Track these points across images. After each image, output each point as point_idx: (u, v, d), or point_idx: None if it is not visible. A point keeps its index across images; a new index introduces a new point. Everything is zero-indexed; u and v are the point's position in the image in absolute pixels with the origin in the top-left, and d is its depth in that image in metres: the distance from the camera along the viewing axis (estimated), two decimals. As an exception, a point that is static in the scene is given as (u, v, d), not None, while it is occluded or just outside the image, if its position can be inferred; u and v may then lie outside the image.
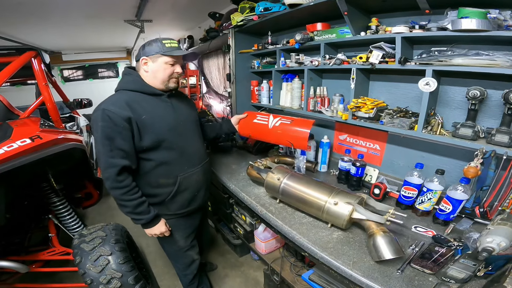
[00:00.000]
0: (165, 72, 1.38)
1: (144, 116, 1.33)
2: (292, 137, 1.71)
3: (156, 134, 1.36)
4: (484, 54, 1.13)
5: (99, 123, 1.26)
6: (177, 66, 1.41)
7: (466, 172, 1.16)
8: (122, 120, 1.26)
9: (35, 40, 4.61)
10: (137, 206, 1.34)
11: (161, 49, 1.34)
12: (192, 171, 1.52)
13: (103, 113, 1.25)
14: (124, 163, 1.28)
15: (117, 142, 1.26)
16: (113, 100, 1.32)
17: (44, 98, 2.13)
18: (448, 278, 0.93)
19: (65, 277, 2.22)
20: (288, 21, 2.11)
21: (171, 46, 1.37)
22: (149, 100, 1.39)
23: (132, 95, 1.36)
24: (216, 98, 4.03)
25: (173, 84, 1.43)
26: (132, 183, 1.33)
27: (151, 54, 1.35)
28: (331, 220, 1.28)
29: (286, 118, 1.79)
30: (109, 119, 1.24)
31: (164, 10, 3.44)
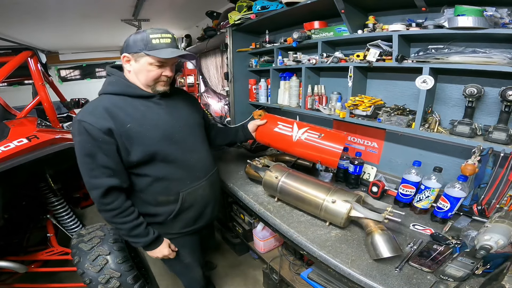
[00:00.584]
0: (149, 75, 1.14)
1: (129, 124, 1.11)
2: (320, 153, 1.48)
3: (147, 145, 1.14)
4: (481, 52, 1.13)
5: (76, 137, 1.08)
6: (166, 68, 1.16)
7: (463, 169, 1.17)
8: (101, 133, 1.05)
9: (32, 40, 4.59)
10: (132, 229, 1.18)
11: (145, 46, 1.08)
12: (196, 185, 1.31)
13: (79, 126, 1.06)
14: (111, 183, 1.09)
15: (99, 159, 1.07)
16: (90, 109, 1.11)
17: (41, 98, 2.13)
18: (446, 276, 0.94)
19: (64, 277, 2.21)
20: (286, 20, 2.10)
21: (160, 43, 1.09)
22: (136, 104, 1.17)
23: (115, 100, 1.14)
24: (214, 97, 4.03)
25: (161, 87, 1.19)
26: (125, 203, 1.15)
27: (134, 51, 1.10)
28: (329, 218, 1.28)
29: (314, 129, 1.54)
30: (86, 133, 1.05)
31: (161, 9, 3.43)
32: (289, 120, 1.66)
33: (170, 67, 1.17)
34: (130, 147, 1.12)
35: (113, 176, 1.11)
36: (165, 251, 1.30)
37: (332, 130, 1.55)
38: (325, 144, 1.46)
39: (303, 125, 1.58)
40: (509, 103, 1.12)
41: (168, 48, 1.11)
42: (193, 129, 1.35)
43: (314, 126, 1.57)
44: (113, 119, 1.08)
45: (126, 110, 1.13)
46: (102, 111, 1.08)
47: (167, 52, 1.09)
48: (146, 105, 1.19)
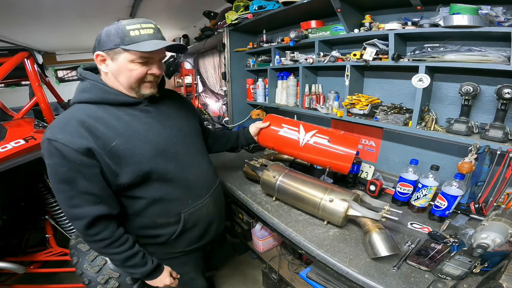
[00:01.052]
0: (132, 76, 0.94)
1: (115, 142, 0.92)
2: (331, 158, 1.36)
3: (138, 164, 0.96)
4: (477, 50, 1.14)
5: (47, 160, 0.88)
6: (152, 65, 0.96)
7: (460, 167, 1.17)
8: (79, 154, 0.86)
9: (28, 40, 4.56)
10: (126, 260, 1.01)
11: (122, 39, 0.88)
12: (199, 204, 1.16)
13: (49, 146, 0.86)
14: (97, 212, 0.91)
15: (80, 184, 0.88)
16: (61, 123, 0.90)
17: (38, 99, 2.12)
18: (444, 275, 0.93)
19: (63, 278, 2.21)
20: (283, 19, 2.10)
21: (140, 34, 0.88)
22: (120, 114, 0.96)
23: (92, 110, 0.93)
24: (212, 97, 4.03)
25: (148, 90, 0.99)
26: (116, 232, 0.97)
27: (109, 47, 0.90)
28: (327, 217, 1.28)
29: (323, 132, 1.41)
30: (59, 155, 0.85)
31: (158, 10, 3.42)
32: (294, 121, 1.53)
33: (157, 64, 0.98)
34: (117, 168, 0.93)
35: (99, 204, 0.92)
36: (167, 281, 1.13)
37: (343, 133, 1.44)
38: (335, 149, 1.35)
39: (311, 128, 1.45)
40: (505, 101, 1.12)
41: (152, 40, 0.91)
42: (191, 139, 1.18)
43: (323, 128, 1.46)
44: (92, 136, 0.88)
45: (107, 122, 0.93)
46: (76, 126, 0.88)
47: (151, 44, 0.89)
48: (132, 114, 0.99)
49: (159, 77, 1.03)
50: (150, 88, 1.00)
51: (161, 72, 1.02)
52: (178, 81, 4.30)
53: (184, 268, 1.30)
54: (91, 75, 0.99)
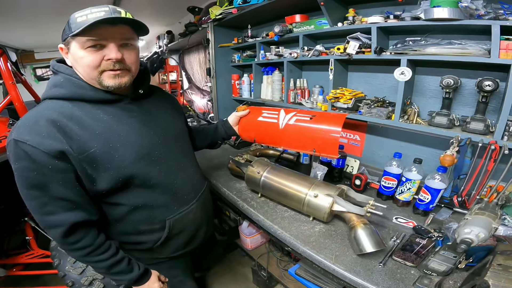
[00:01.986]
0: (85, 64, 0.83)
1: (92, 144, 0.83)
2: (315, 140, 1.23)
3: (117, 169, 0.87)
4: (457, 43, 1.14)
5: (14, 164, 0.79)
6: (109, 49, 0.83)
7: (442, 160, 1.17)
8: (50, 158, 0.77)
9: (4, 38, 4.39)
10: (111, 267, 0.93)
11: (70, 28, 0.79)
12: (185, 210, 1.09)
13: (16, 148, 0.76)
14: (74, 218, 0.83)
15: (53, 189, 0.79)
16: (29, 122, 0.79)
17: (12, 98, 2.04)
18: (430, 271, 0.93)
19: (48, 280, 2.14)
20: (267, 14, 2.07)
21: (87, 18, 0.78)
22: (97, 113, 0.88)
23: (65, 108, 0.84)
24: (198, 93, 3.97)
25: (110, 80, 0.86)
26: (97, 240, 0.89)
27: (64, 38, 0.83)
28: (312, 213, 1.27)
29: (304, 112, 1.32)
30: (28, 158, 0.76)
31: (142, 5, 3.33)
32: (276, 108, 1.43)
33: (115, 48, 0.83)
34: (94, 173, 0.85)
35: (76, 209, 0.84)
36: (155, 286, 1.05)
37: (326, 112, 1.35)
38: (318, 128, 1.22)
39: (291, 111, 1.36)
40: (486, 93, 1.13)
41: None
42: (176, 140, 1.10)
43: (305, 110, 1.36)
44: (65, 138, 0.79)
45: (82, 122, 0.84)
46: (47, 126, 0.78)
47: (89, 22, 0.76)
48: (112, 113, 0.90)
49: (125, 64, 0.88)
50: (114, 78, 0.87)
51: (121, 57, 0.85)
52: (163, 78, 4.21)
53: (171, 271, 1.24)
54: (65, 68, 0.88)
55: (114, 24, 0.82)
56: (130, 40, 0.89)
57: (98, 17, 0.78)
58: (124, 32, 0.86)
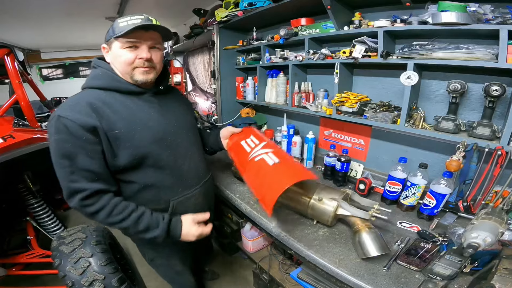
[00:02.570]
0: (122, 61, 1.02)
1: (118, 125, 1.00)
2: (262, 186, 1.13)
3: (135, 148, 1.03)
4: (464, 48, 1.13)
5: (54, 135, 0.94)
6: (140, 49, 1.02)
7: (448, 165, 1.16)
8: (84, 131, 0.94)
9: (11, 38, 4.44)
10: (137, 223, 1.03)
11: (113, 31, 0.99)
12: (188, 194, 1.22)
13: (58, 122, 0.93)
14: (96, 187, 0.98)
15: (81, 161, 0.94)
16: (72, 103, 0.98)
17: (18, 97, 2.06)
18: (435, 275, 0.92)
19: (48, 280, 2.14)
20: (273, 17, 2.08)
21: (127, 24, 0.97)
22: (125, 101, 1.06)
23: (100, 95, 1.02)
24: (202, 95, 3.98)
25: (140, 76, 1.05)
26: (112, 200, 1.01)
27: (106, 39, 1.04)
28: (316, 216, 1.26)
29: (278, 154, 1.18)
30: (66, 130, 0.92)
31: (147, 7, 3.37)
32: (265, 137, 1.34)
33: (147, 48, 1.03)
34: (116, 149, 1.00)
35: (97, 181, 0.98)
36: (193, 230, 1.12)
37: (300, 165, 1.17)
38: (268, 177, 1.11)
39: (272, 146, 1.25)
40: (493, 98, 1.13)
41: None
42: (187, 131, 1.25)
43: (286, 154, 1.23)
44: (98, 116, 0.96)
45: (113, 107, 1.02)
46: (85, 106, 0.96)
47: (129, 27, 0.96)
48: (137, 103, 1.08)
49: (152, 63, 1.06)
50: (143, 74, 1.05)
51: (150, 57, 1.04)
52: (167, 79, 4.23)
53: (170, 260, 1.36)
54: (104, 64, 1.09)
55: (146, 30, 1.01)
56: (157, 44, 1.07)
57: (136, 23, 0.97)
58: (154, 37, 1.05)
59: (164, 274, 1.50)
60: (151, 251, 1.32)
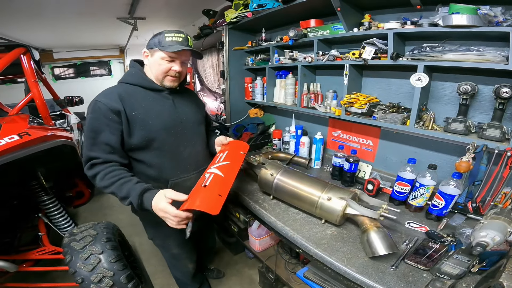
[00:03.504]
0: (160, 68, 1.26)
1: (135, 111, 1.23)
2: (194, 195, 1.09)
3: (147, 131, 1.25)
4: (475, 50, 1.14)
5: (90, 114, 1.20)
6: (176, 63, 1.27)
7: (458, 166, 1.17)
8: (111, 112, 1.18)
9: (26, 38, 4.54)
10: (120, 189, 1.13)
11: (159, 42, 1.22)
12: (185, 177, 1.39)
13: (95, 105, 1.19)
14: (109, 158, 1.18)
15: (104, 135, 1.18)
16: (106, 92, 1.25)
17: (33, 95, 2.10)
18: (443, 274, 0.93)
19: (56, 277, 2.18)
20: (282, 18, 2.10)
21: (172, 40, 1.22)
22: (147, 95, 1.29)
23: (128, 89, 1.28)
24: (210, 95, 4.01)
25: (168, 82, 1.30)
26: (112, 167, 1.17)
27: (151, 47, 1.26)
28: (325, 215, 1.28)
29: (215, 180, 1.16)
30: (99, 110, 1.17)
31: (157, 7, 3.41)
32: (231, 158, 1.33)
33: (180, 63, 1.27)
34: (133, 129, 1.22)
35: (112, 153, 1.19)
36: (161, 204, 1.06)
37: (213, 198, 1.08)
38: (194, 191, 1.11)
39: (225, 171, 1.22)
40: (503, 100, 1.13)
41: (178, 45, 1.21)
42: (194, 125, 1.44)
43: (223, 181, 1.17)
44: (123, 103, 1.21)
45: (136, 98, 1.25)
46: (115, 95, 1.21)
47: (174, 48, 1.20)
48: (155, 97, 1.31)
49: (181, 74, 1.31)
50: (171, 81, 1.30)
51: (181, 70, 1.29)
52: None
53: (166, 241, 1.52)
54: (137, 65, 1.35)
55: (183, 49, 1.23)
56: (187, 61, 1.33)
57: (179, 41, 1.22)
58: (187, 54, 1.30)
59: (163, 255, 1.67)
60: (152, 229, 1.52)
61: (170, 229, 1.25)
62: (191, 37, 1.30)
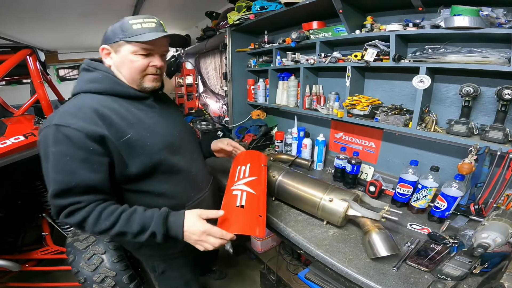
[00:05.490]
0: (133, 67, 0.96)
1: (128, 132, 0.92)
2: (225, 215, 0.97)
3: (148, 155, 0.96)
4: (477, 51, 1.14)
5: (51, 148, 0.82)
6: (154, 57, 0.98)
7: (460, 168, 1.17)
8: (90, 141, 0.84)
9: (31, 39, 4.59)
10: (128, 224, 0.87)
11: (124, 33, 0.92)
12: (201, 197, 1.16)
13: (57, 132, 0.82)
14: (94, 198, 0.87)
15: (81, 176, 0.83)
16: (73, 110, 0.87)
17: (39, 96, 2.13)
18: (444, 276, 0.93)
19: (59, 276, 2.20)
20: (284, 20, 2.11)
21: (142, 27, 0.92)
22: (129, 107, 0.98)
23: (103, 101, 0.93)
24: (213, 97, 4.03)
25: (149, 83, 1.01)
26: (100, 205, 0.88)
27: (113, 41, 0.94)
28: (327, 217, 1.28)
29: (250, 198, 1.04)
30: (68, 141, 0.82)
31: (161, 9, 3.44)
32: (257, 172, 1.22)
33: (159, 56, 1.00)
34: (128, 159, 0.92)
35: (97, 193, 0.88)
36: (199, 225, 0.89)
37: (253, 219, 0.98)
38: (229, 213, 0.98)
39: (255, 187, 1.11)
40: (506, 102, 1.13)
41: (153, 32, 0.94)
42: (188, 136, 1.21)
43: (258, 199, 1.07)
44: (106, 124, 0.88)
45: (120, 113, 0.93)
46: (90, 113, 0.87)
47: (151, 35, 0.92)
48: (139, 108, 1.01)
49: (162, 70, 1.05)
50: (153, 81, 1.02)
51: (163, 65, 1.03)
52: (179, 81, 4.30)
53: (181, 270, 1.29)
54: (102, 66, 1.01)
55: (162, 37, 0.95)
56: (166, 52, 1.06)
57: (150, 27, 0.93)
58: (165, 44, 1.02)
59: (170, 286, 1.36)
60: (163, 263, 1.22)
61: (185, 258, 1.22)
62: (162, 22, 1.01)
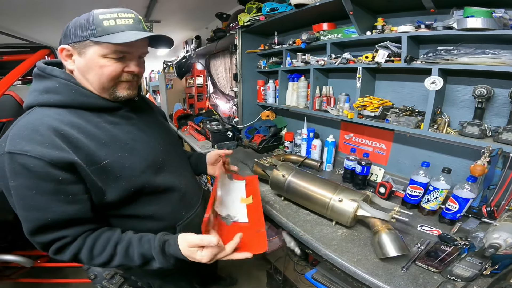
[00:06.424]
0: (104, 73, 0.77)
1: (100, 154, 0.76)
2: None
3: (128, 179, 0.81)
4: (490, 53, 1.13)
5: (10, 181, 0.67)
6: (130, 62, 0.81)
7: (473, 170, 1.16)
8: (56, 170, 0.68)
9: (47, 39, 4.71)
10: (127, 257, 0.78)
11: (92, 31, 0.73)
12: (192, 214, 1.04)
13: (12, 162, 0.66)
14: (80, 230, 0.76)
15: (55, 211, 0.70)
16: (26, 131, 0.69)
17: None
18: (454, 277, 0.93)
19: (69, 273, 2.26)
20: (294, 21, 2.12)
21: (115, 24, 0.74)
22: (99, 121, 0.80)
23: (63, 116, 0.75)
24: (223, 98, 4.06)
25: (123, 91, 0.83)
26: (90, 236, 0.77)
27: (76, 40, 0.74)
28: (336, 217, 1.29)
29: None
30: (27, 172, 0.66)
31: (172, 11, 3.49)
32: None
33: (136, 60, 0.82)
34: (104, 185, 0.77)
35: (81, 225, 0.77)
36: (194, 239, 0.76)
37: None
38: None
39: None
40: (519, 104, 1.12)
41: (130, 31, 0.76)
42: (173, 147, 1.07)
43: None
44: (71, 147, 0.71)
45: (87, 131, 0.76)
46: (48, 135, 0.69)
47: (128, 35, 0.73)
48: (112, 122, 0.84)
49: (140, 77, 0.88)
50: (128, 89, 0.84)
51: (141, 71, 0.86)
52: (190, 81, 4.35)
53: (180, 284, 1.21)
54: (61, 72, 0.79)
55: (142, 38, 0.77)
56: (145, 53, 0.88)
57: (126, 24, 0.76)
58: (145, 45, 0.85)
59: None
60: (158, 280, 1.13)
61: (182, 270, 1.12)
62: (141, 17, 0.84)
